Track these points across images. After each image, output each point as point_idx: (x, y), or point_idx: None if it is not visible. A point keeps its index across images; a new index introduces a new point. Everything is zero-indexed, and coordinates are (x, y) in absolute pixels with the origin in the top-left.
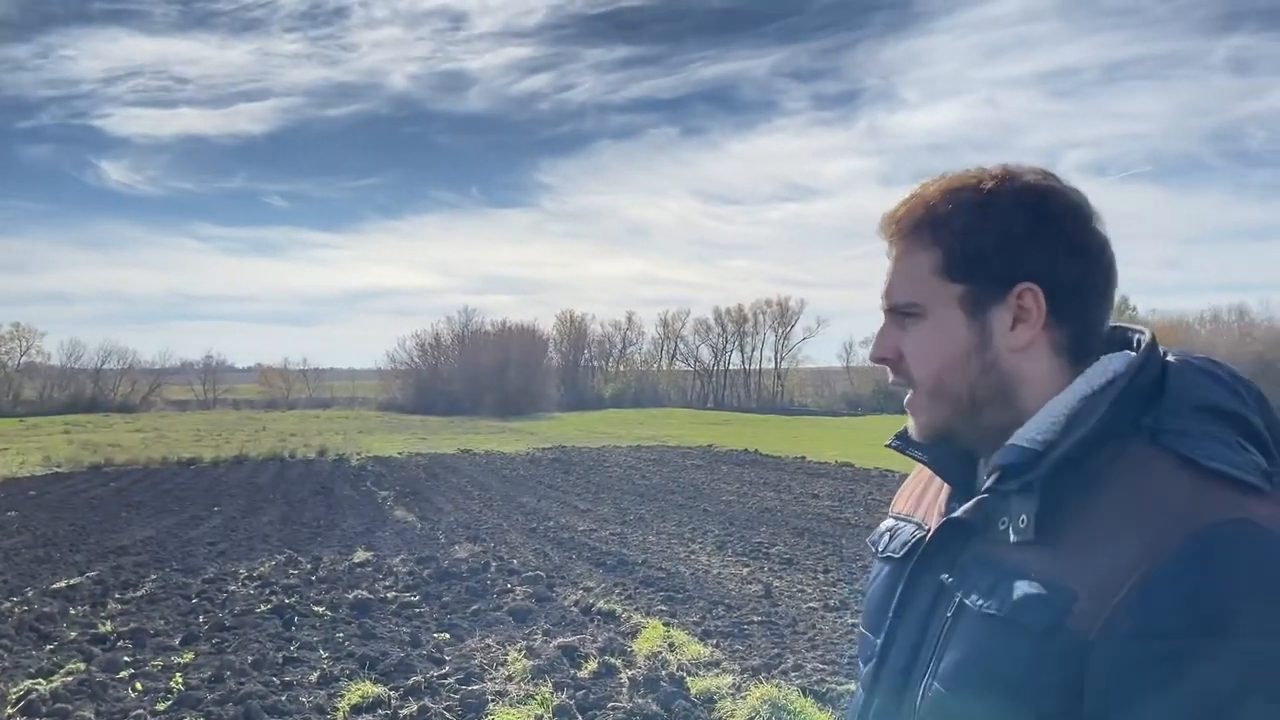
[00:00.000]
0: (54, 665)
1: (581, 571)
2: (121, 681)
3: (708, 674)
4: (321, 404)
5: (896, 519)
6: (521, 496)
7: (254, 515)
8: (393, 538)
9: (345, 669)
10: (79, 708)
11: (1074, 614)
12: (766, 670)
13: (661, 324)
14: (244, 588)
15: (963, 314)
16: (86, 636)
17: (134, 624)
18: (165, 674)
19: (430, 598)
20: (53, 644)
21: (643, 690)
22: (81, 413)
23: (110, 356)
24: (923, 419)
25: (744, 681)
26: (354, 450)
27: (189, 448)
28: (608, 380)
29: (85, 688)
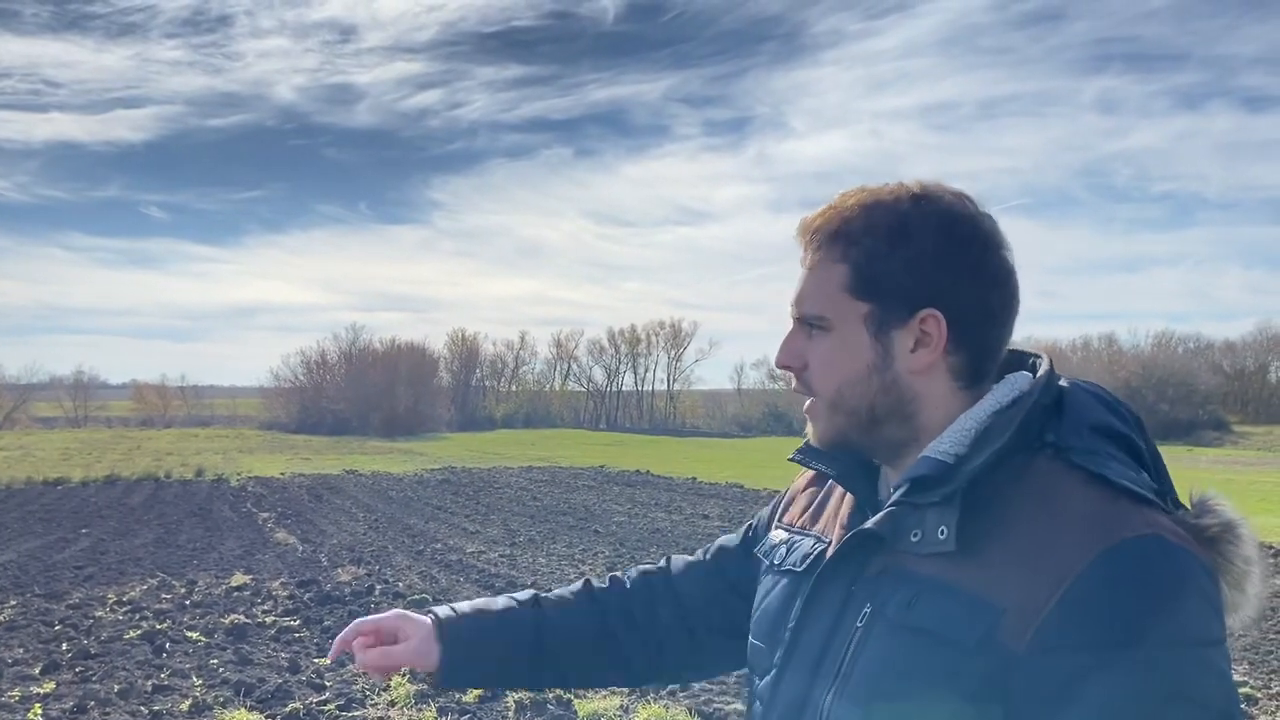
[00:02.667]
0: None
1: (469, 594)
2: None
3: (595, 696)
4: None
5: (790, 531)
6: (408, 518)
7: (126, 538)
8: (273, 560)
9: (219, 696)
10: None
11: (1002, 628)
12: (654, 691)
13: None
14: (112, 613)
15: (866, 332)
16: None
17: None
18: (24, 704)
19: (311, 622)
20: None
21: (529, 713)
22: None
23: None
24: (821, 426)
25: (632, 703)
26: (234, 470)
27: (56, 467)
28: (499, 400)
29: None
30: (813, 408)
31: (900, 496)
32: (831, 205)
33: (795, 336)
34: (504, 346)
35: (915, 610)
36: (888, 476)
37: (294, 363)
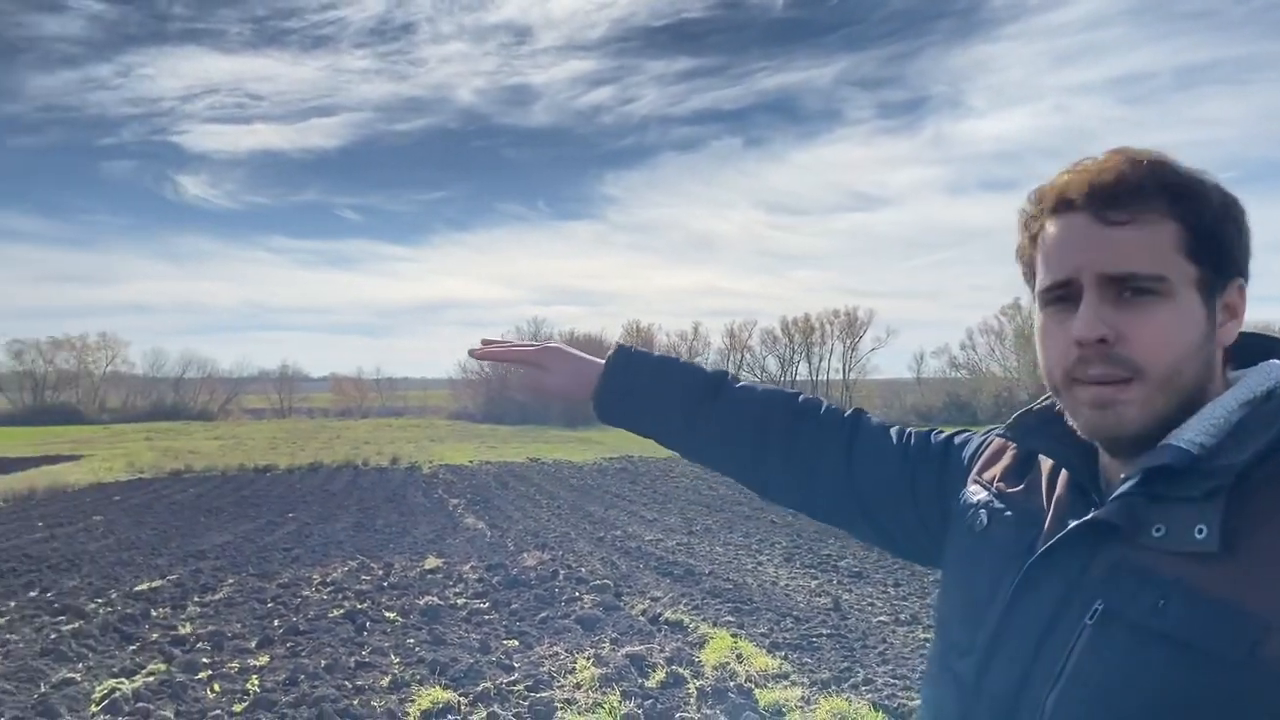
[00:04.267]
0: (136, 665)
1: (649, 581)
2: (200, 682)
3: (776, 686)
4: (394, 413)
5: (991, 493)
6: (589, 505)
7: (328, 522)
8: (463, 545)
9: (416, 674)
10: (160, 707)
11: (1269, 644)
12: (836, 683)
13: (728, 335)
14: (318, 593)
15: (1200, 300)
16: (167, 638)
17: (212, 626)
18: (242, 676)
19: (499, 605)
20: (135, 644)
21: (711, 701)
22: (163, 420)
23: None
24: (1134, 412)
25: (813, 694)
26: (425, 458)
27: (265, 455)
28: None
29: (166, 688)
30: (1129, 393)
31: (1136, 486)
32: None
33: (1102, 304)
34: (678, 337)
35: (1167, 615)
36: (1108, 461)
37: None
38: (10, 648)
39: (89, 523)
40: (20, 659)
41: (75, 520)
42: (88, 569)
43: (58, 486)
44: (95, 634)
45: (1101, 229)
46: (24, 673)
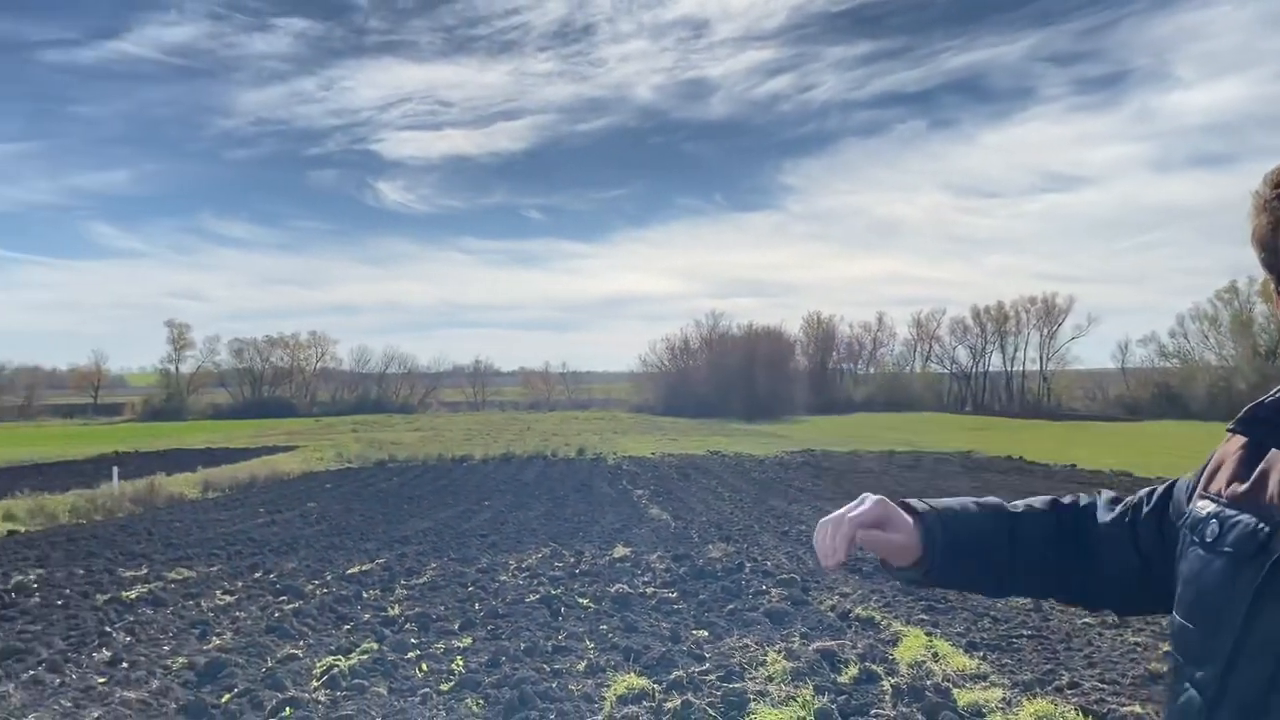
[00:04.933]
0: (351, 644)
1: (836, 577)
2: (409, 661)
3: (975, 687)
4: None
5: (1220, 503)
6: (771, 499)
7: (521, 510)
8: (649, 535)
9: (610, 660)
10: (374, 684)
11: None
12: (1039, 686)
13: (914, 324)
14: (514, 578)
15: None
16: (378, 619)
17: (418, 609)
18: (447, 656)
19: (687, 595)
20: (349, 624)
21: (907, 699)
22: (367, 413)
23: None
24: None
25: (1015, 696)
26: (610, 450)
27: (461, 446)
28: (857, 383)
29: (378, 666)
30: None
31: None
32: None
33: None
34: (861, 328)
35: None
36: None
37: (660, 349)
38: (240, 624)
39: (304, 509)
40: (249, 635)
41: (292, 506)
42: (304, 552)
43: (275, 475)
44: (313, 613)
45: None
46: (253, 648)
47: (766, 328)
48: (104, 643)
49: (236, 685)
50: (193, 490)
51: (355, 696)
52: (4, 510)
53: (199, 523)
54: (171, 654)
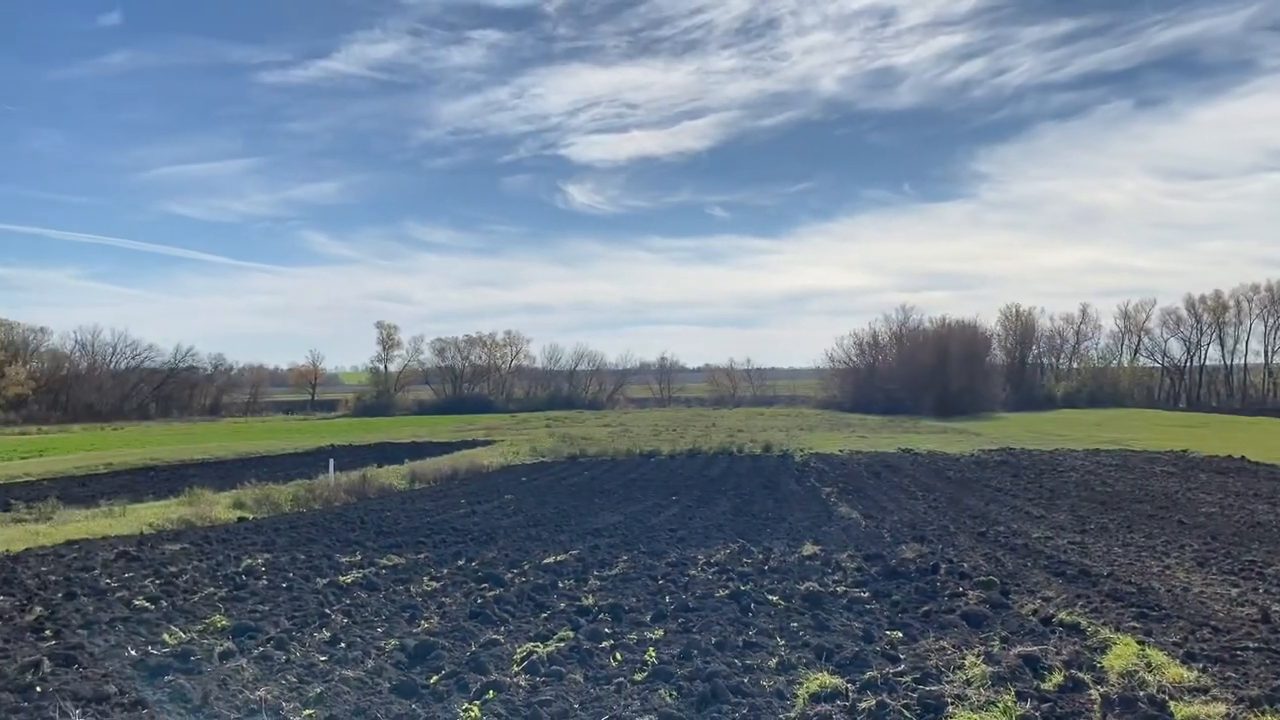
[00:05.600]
0: (548, 631)
1: (1038, 580)
2: (604, 650)
3: (1194, 701)
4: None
5: None
6: (967, 499)
7: (708, 505)
8: (838, 533)
9: (802, 657)
10: (570, 671)
11: None
12: (1269, 703)
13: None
14: (703, 573)
15: None
16: (573, 608)
17: (611, 599)
18: (640, 647)
19: (880, 595)
20: (546, 612)
21: (1118, 710)
22: (559, 409)
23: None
24: None
25: (1240, 713)
26: (797, 447)
27: (649, 441)
28: (1059, 378)
29: (575, 653)
30: None
31: None
32: None
33: None
34: (1062, 321)
35: None
36: None
37: (847, 344)
38: (446, 609)
39: (501, 501)
40: (454, 619)
41: (490, 498)
42: (503, 542)
43: (475, 468)
44: (513, 601)
45: None
46: (458, 632)
47: (960, 321)
48: (324, 623)
49: (444, 667)
50: (401, 481)
51: (554, 682)
52: (234, 499)
53: (406, 512)
54: (384, 635)
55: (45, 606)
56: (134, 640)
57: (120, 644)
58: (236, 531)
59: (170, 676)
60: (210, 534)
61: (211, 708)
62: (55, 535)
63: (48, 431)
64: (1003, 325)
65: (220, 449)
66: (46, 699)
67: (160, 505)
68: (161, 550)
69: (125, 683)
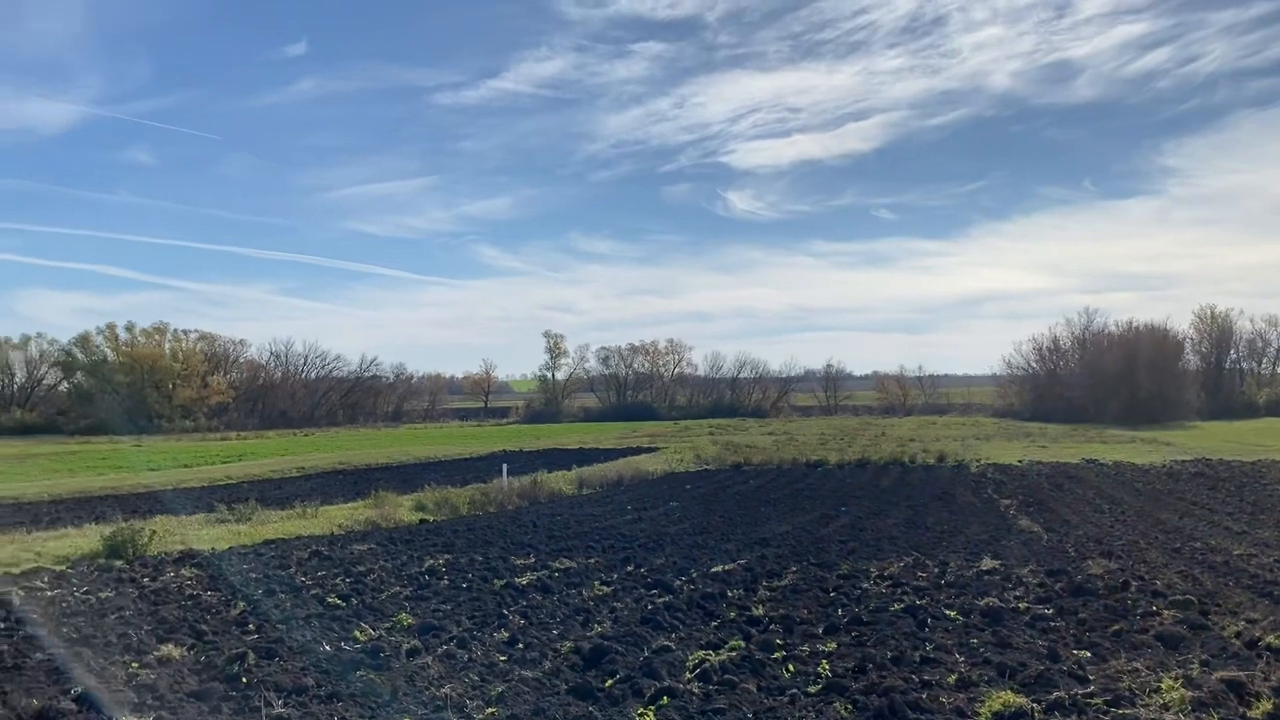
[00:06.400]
0: (719, 640)
1: (1241, 600)
2: (776, 661)
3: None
4: (937, 410)
5: None
6: (1159, 512)
7: (879, 517)
8: (1018, 547)
9: (983, 675)
10: (743, 681)
11: None
12: None
13: None
14: (876, 585)
15: None
16: (743, 617)
17: (782, 610)
18: (813, 659)
19: (1065, 612)
20: (716, 621)
21: None
22: (722, 417)
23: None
24: None
25: None
26: (972, 457)
27: (815, 450)
28: (1261, 384)
29: (747, 664)
30: None
31: None
32: None
33: None
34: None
35: None
36: None
37: (1025, 350)
38: (618, 613)
39: (667, 508)
40: (626, 624)
41: (656, 505)
42: (670, 549)
43: (640, 475)
44: (683, 608)
45: None
46: (630, 636)
47: (1149, 324)
48: (502, 624)
49: (618, 671)
50: (569, 487)
51: (726, 691)
52: (416, 501)
53: (576, 517)
54: (560, 638)
55: (248, 602)
56: (328, 635)
57: (316, 639)
58: (418, 533)
59: (361, 671)
60: (394, 535)
61: (400, 703)
62: (255, 535)
63: (245, 437)
64: (1196, 328)
65: (402, 453)
66: (252, 689)
67: (349, 507)
68: (350, 550)
69: (321, 676)
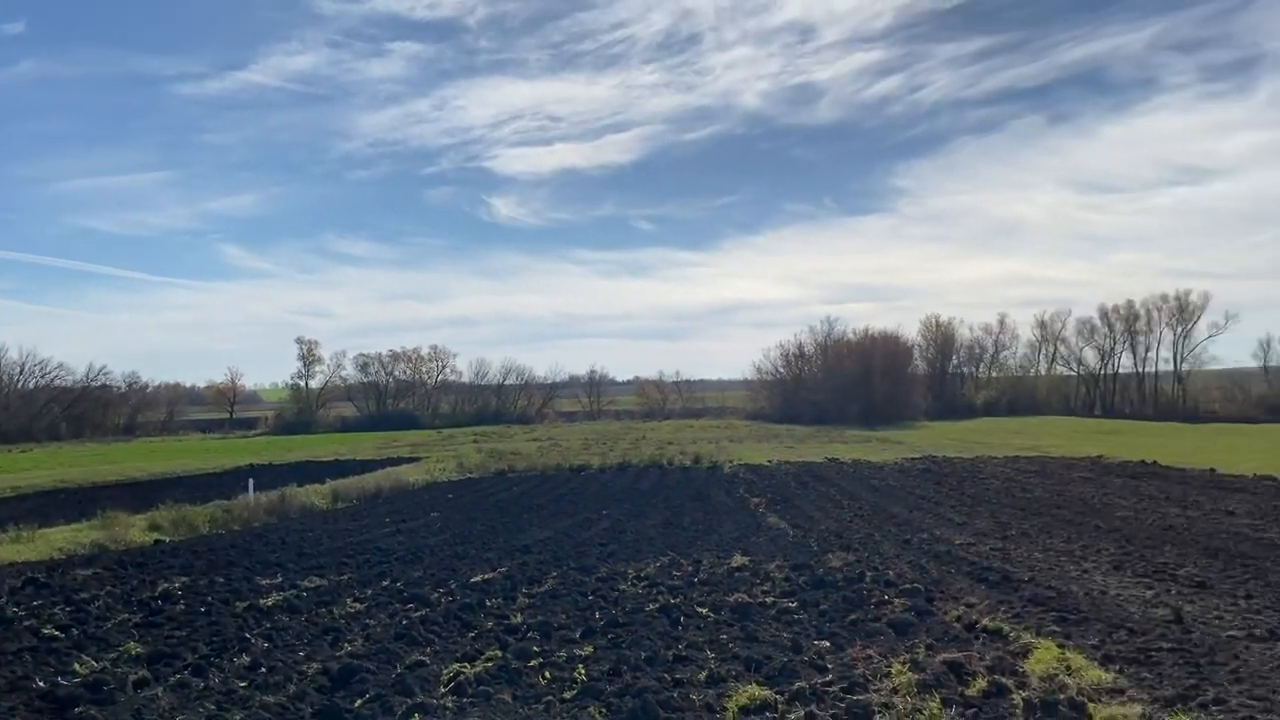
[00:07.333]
0: (476, 651)
1: (962, 586)
2: (532, 669)
3: (1112, 702)
4: (694, 414)
5: None
6: (892, 507)
7: (638, 519)
8: (767, 544)
9: (731, 670)
10: (498, 691)
11: None
12: (1182, 702)
13: (1038, 326)
14: (633, 587)
15: None
16: (501, 626)
17: (540, 617)
18: (569, 664)
19: (807, 605)
20: (474, 632)
21: (1039, 713)
22: (487, 424)
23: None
24: None
25: (1155, 713)
26: (726, 458)
27: (579, 455)
28: (979, 387)
29: (503, 673)
30: None
31: None
32: None
33: None
34: (981, 331)
35: None
36: None
37: (774, 356)
38: (370, 631)
39: (428, 519)
40: (379, 641)
41: (416, 516)
42: (429, 561)
43: (400, 486)
44: (439, 621)
45: None
46: (383, 654)
47: (884, 332)
48: (244, 648)
49: (368, 691)
50: (323, 501)
51: (481, 703)
52: (150, 520)
53: (329, 533)
54: (306, 659)
55: None
56: (43, 670)
57: (27, 675)
58: (152, 555)
59: (80, 708)
60: (124, 558)
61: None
62: None
63: None
64: (924, 336)
65: (135, 470)
66: None
67: (71, 529)
68: (73, 575)
69: (33, 716)
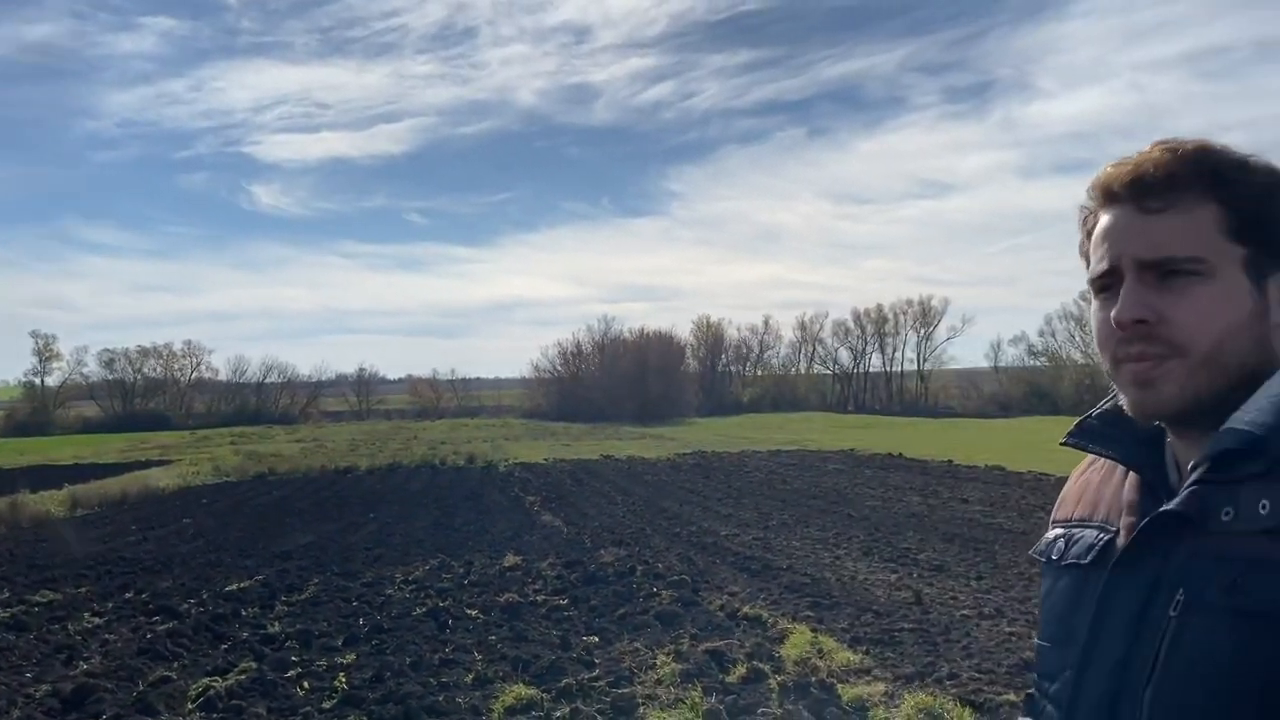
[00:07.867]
0: (228, 664)
1: (726, 576)
2: (290, 680)
3: (859, 681)
4: (469, 413)
5: (1068, 527)
6: (663, 501)
7: (408, 521)
8: (540, 542)
9: (499, 670)
10: (252, 704)
11: None
12: (920, 678)
13: (799, 327)
14: (400, 591)
15: (1246, 279)
16: (257, 637)
17: (300, 625)
18: (330, 673)
19: (578, 601)
20: (227, 643)
21: (793, 696)
22: (246, 425)
23: (271, 371)
24: (1171, 389)
25: (897, 689)
26: (501, 457)
27: (345, 457)
28: (745, 385)
29: (258, 686)
30: (1167, 371)
31: (1205, 474)
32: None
33: (1142, 288)
34: (748, 331)
35: (1245, 592)
36: (1176, 453)
37: (552, 354)
38: (109, 647)
39: (179, 525)
40: (119, 657)
41: (166, 523)
42: (179, 570)
43: (148, 491)
44: (189, 633)
45: (1141, 218)
46: (123, 671)
47: (658, 332)
48: None
49: (105, 712)
50: (59, 508)
51: (233, 718)
52: None
53: (66, 542)
54: (35, 681)
55: None
56: None
57: None
58: None
59: None
60: None
61: None
62: None
63: None
64: (695, 335)
65: None
66: None
67: None
68: None
69: None
